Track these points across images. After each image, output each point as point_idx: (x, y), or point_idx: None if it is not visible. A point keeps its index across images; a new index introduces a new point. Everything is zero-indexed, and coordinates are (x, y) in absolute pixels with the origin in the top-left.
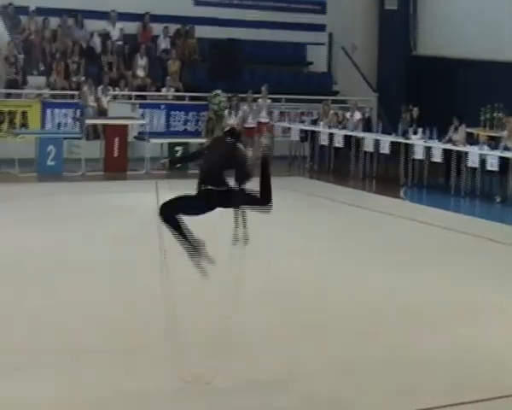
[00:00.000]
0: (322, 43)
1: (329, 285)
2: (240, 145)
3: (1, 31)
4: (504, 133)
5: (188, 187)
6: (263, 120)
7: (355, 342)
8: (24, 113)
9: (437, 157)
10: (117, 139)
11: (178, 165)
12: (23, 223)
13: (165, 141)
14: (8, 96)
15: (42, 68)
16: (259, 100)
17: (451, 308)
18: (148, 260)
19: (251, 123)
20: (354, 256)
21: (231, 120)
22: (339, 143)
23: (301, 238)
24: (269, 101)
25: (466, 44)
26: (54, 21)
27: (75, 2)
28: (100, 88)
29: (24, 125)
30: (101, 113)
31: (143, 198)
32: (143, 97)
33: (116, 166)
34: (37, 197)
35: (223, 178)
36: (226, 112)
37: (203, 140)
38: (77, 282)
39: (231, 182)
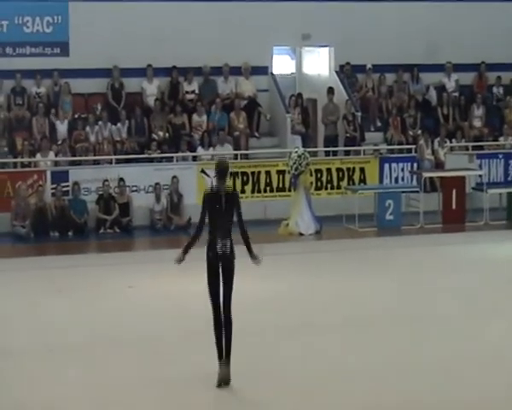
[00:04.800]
0: None
1: None
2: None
3: (340, 90)
4: None
5: None
6: None
7: None
8: (362, 169)
9: None
10: (454, 191)
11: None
12: (363, 277)
13: (504, 191)
14: (347, 153)
15: (378, 124)
16: None
17: None
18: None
19: None
20: None
21: None
22: None
23: None
24: None
25: None
26: (389, 77)
27: (411, 57)
28: (436, 140)
29: (362, 180)
30: (438, 165)
31: (484, 250)
32: (480, 147)
33: (454, 218)
34: (376, 251)
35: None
36: None
37: None
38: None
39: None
